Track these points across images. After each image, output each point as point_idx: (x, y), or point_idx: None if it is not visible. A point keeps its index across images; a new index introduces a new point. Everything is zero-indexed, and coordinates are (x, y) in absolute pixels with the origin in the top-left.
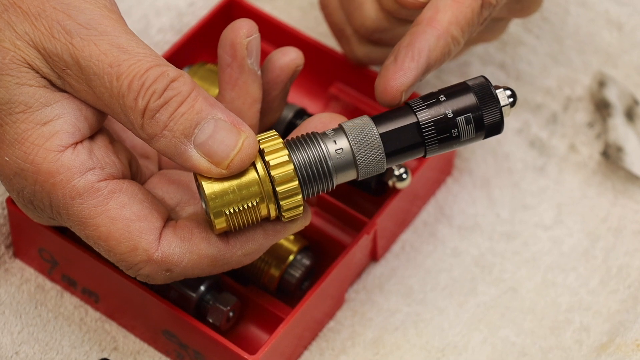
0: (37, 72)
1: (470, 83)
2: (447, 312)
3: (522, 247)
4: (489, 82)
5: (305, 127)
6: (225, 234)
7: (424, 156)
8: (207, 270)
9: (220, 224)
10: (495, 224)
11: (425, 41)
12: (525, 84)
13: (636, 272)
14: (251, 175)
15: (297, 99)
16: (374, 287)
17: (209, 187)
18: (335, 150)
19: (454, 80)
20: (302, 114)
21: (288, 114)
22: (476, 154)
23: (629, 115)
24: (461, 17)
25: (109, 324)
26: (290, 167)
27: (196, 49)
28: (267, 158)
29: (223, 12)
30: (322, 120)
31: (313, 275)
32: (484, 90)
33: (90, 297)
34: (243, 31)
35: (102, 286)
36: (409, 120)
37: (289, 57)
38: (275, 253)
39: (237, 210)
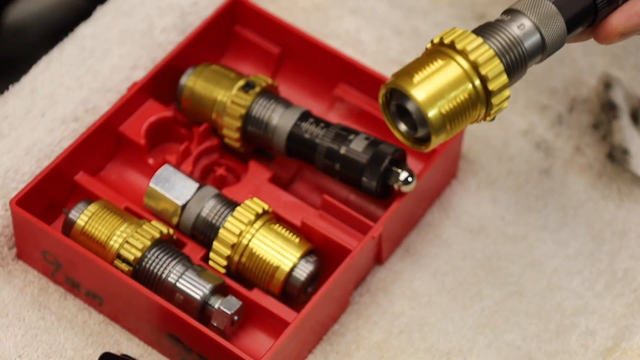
0: None
1: None
2: (452, 316)
3: (527, 250)
4: None
5: None
6: None
7: (593, 23)
8: None
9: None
10: (501, 226)
11: None
12: (530, 85)
13: None
14: (458, 71)
15: (301, 100)
16: (378, 290)
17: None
18: (522, 32)
19: None
20: (307, 116)
21: (293, 117)
22: (481, 156)
23: (635, 117)
24: None
25: (112, 327)
26: (497, 62)
27: (200, 49)
28: (471, 57)
29: (227, 12)
30: None
31: (317, 279)
32: None
33: (94, 299)
34: None
35: (105, 289)
36: None
37: None
38: (280, 256)
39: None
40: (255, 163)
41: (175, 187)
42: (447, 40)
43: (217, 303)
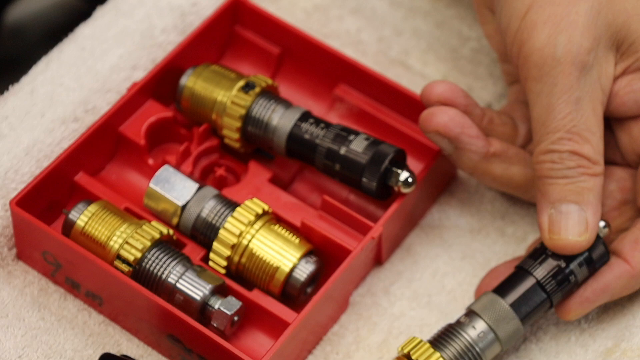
0: None
1: None
2: (452, 317)
3: (527, 250)
4: None
5: None
6: None
7: (550, 307)
8: None
9: None
10: (501, 226)
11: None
12: None
13: None
14: None
15: (302, 100)
16: (378, 291)
17: None
18: (477, 335)
19: None
20: (307, 117)
21: (293, 117)
22: None
23: None
24: None
25: (112, 327)
26: None
27: (200, 50)
28: None
29: (227, 12)
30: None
31: (318, 279)
32: None
33: (94, 300)
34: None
35: (105, 289)
36: (530, 282)
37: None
38: (280, 257)
39: None
40: (255, 163)
41: (175, 187)
42: (414, 356)
43: (217, 304)
